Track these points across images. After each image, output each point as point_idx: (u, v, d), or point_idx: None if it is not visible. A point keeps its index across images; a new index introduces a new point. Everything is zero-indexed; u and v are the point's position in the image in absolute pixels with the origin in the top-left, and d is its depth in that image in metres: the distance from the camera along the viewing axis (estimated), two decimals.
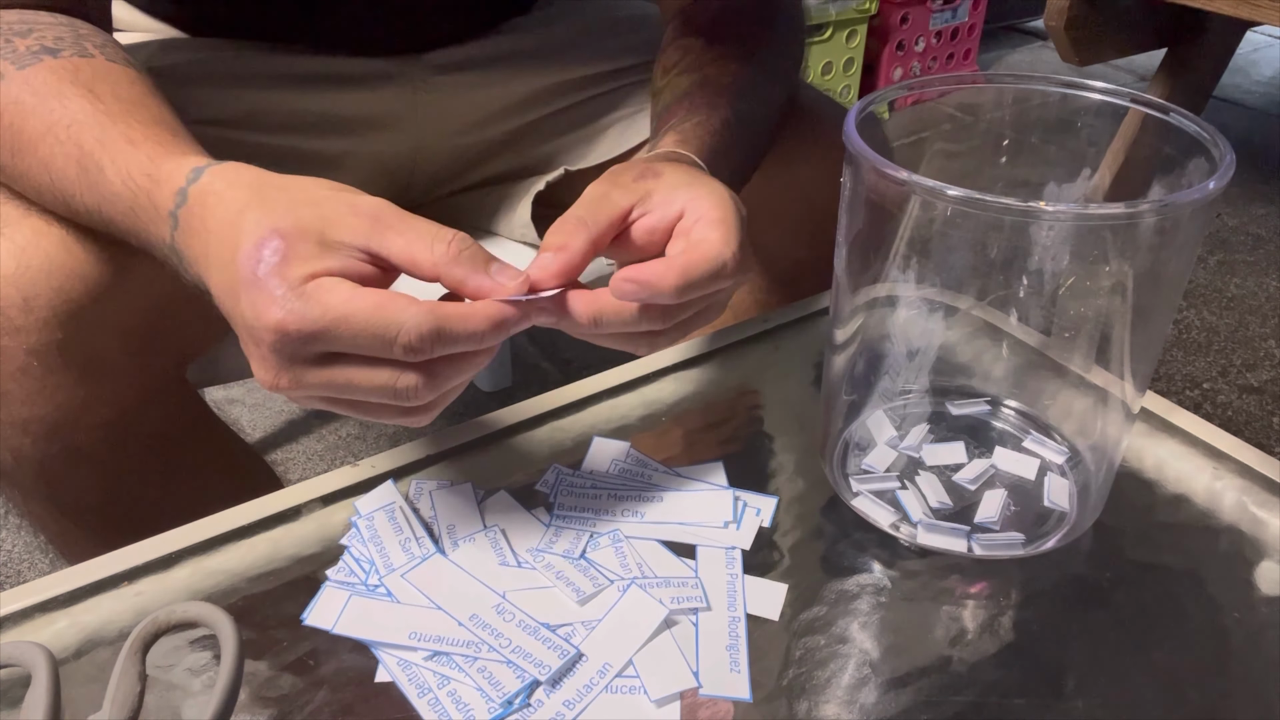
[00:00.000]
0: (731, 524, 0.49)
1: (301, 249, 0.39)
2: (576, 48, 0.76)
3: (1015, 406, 0.56)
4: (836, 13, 1.98)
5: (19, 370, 0.50)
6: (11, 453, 0.53)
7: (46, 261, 0.50)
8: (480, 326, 0.39)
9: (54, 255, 0.50)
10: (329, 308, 0.38)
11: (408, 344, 0.38)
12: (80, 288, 0.51)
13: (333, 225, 0.40)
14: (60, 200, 0.48)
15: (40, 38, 0.49)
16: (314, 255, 0.39)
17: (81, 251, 0.51)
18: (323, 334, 0.38)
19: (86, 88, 0.47)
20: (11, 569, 1.08)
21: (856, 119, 0.44)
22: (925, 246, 0.45)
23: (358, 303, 0.38)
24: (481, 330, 0.39)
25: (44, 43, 0.49)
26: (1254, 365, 1.39)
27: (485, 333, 0.39)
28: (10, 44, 0.49)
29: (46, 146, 0.47)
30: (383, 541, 0.47)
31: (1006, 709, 0.41)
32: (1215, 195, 0.39)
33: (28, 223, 0.51)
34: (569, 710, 0.40)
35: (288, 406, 1.33)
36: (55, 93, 0.47)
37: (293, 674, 0.42)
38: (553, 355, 1.42)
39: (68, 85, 0.47)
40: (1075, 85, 0.49)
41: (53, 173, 0.47)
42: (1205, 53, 1.52)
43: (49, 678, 0.38)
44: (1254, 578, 0.47)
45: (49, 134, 0.46)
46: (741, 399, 0.59)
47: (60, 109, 0.47)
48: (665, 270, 0.42)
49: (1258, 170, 1.94)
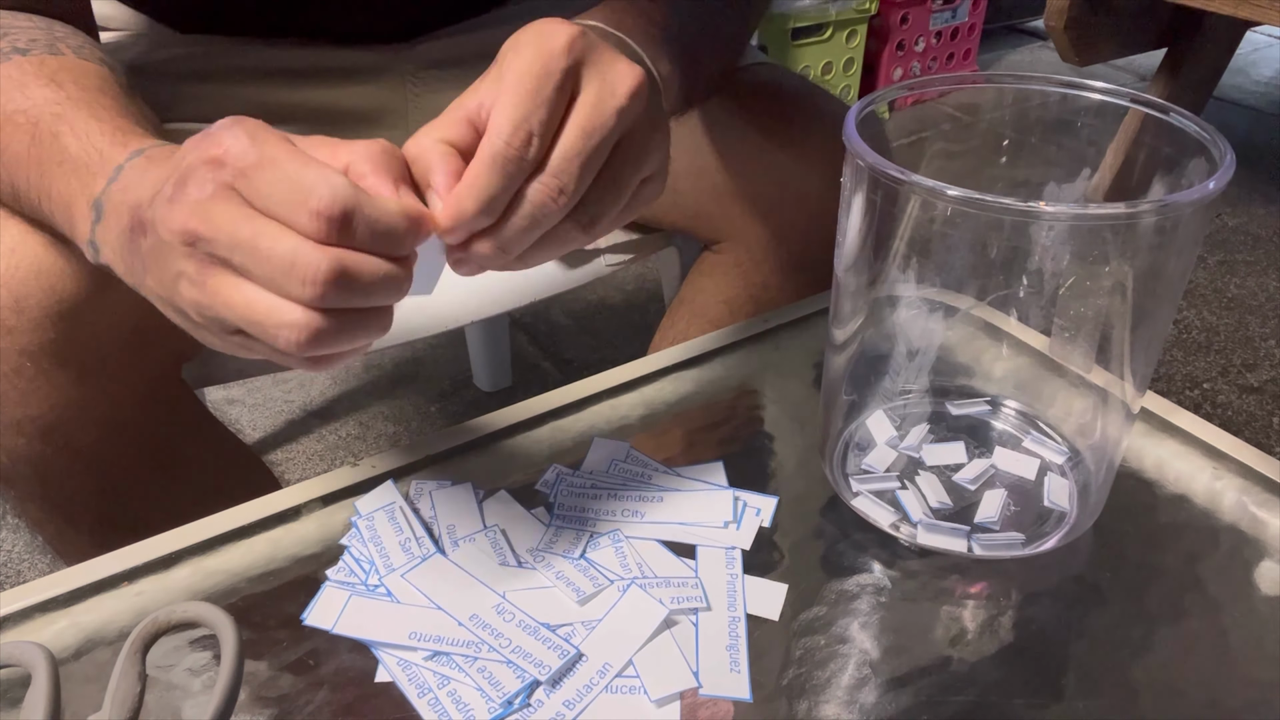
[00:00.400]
0: (731, 524, 0.49)
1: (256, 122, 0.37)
2: None
3: (1015, 406, 0.56)
4: (836, 13, 1.98)
5: (13, 371, 0.50)
6: (7, 453, 0.53)
7: (36, 262, 0.50)
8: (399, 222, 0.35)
9: (43, 256, 0.50)
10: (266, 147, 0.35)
11: (317, 208, 0.34)
12: (72, 287, 0.51)
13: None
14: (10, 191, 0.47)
15: (13, 40, 0.49)
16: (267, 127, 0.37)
17: (72, 251, 0.51)
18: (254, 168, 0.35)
19: (49, 79, 0.46)
20: (11, 569, 1.08)
21: (856, 119, 0.44)
22: (925, 246, 0.45)
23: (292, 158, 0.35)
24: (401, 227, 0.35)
25: (15, 44, 0.49)
26: (1254, 365, 1.39)
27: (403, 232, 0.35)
28: None
29: (5, 134, 0.46)
30: (383, 541, 0.47)
31: (1006, 709, 0.41)
32: (1215, 195, 0.39)
33: (15, 223, 0.50)
34: (569, 710, 0.40)
35: (288, 406, 1.33)
36: (17, 85, 0.46)
37: (293, 674, 0.42)
38: (553, 355, 1.42)
39: (30, 77, 0.46)
40: (1075, 85, 0.49)
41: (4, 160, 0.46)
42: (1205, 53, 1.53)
43: (49, 678, 0.38)
44: (1254, 578, 0.47)
45: (7, 122, 0.46)
46: (741, 399, 0.59)
47: (21, 98, 0.46)
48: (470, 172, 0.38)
49: (1258, 170, 1.94)
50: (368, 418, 1.31)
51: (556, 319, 1.50)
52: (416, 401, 1.33)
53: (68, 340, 0.51)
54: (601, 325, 1.48)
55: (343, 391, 1.36)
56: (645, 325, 1.47)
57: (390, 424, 1.29)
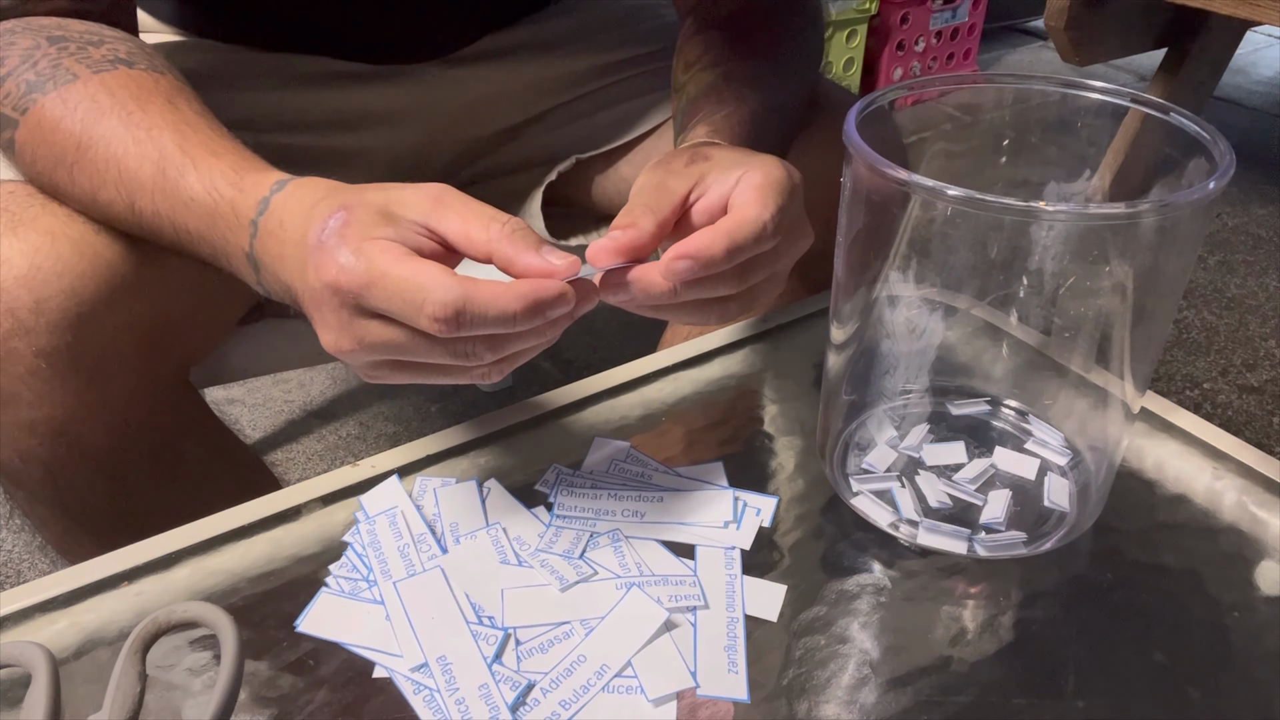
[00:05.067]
0: (731, 524, 0.49)
1: (363, 216, 0.40)
2: (587, 38, 0.77)
3: (1015, 406, 0.56)
4: (836, 13, 1.98)
5: (28, 372, 0.50)
6: (19, 454, 0.53)
7: (59, 263, 0.50)
8: (511, 306, 0.39)
9: (66, 257, 0.50)
10: (374, 264, 0.39)
11: (433, 315, 0.38)
12: (91, 290, 0.51)
13: (396, 201, 0.41)
14: (124, 199, 0.49)
15: (113, 49, 0.51)
16: (375, 223, 0.40)
17: (94, 254, 0.51)
18: (367, 289, 0.39)
19: (166, 98, 0.49)
20: (11, 569, 1.08)
21: (857, 119, 0.44)
22: (925, 246, 0.45)
23: (398, 267, 0.39)
24: (512, 310, 0.39)
25: (117, 54, 0.51)
26: (1254, 365, 1.39)
27: (517, 313, 0.39)
28: (84, 50, 0.50)
29: (121, 145, 0.48)
30: (382, 548, 0.47)
31: (1006, 709, 0.41)
32: (1215, 195, 0.39)
33: (42, 223, 0.51)
34: (565, 710, 0.40)
35: (288, 406, 1.33)
36: (135, 97, 0.49)
37: (293, 674, 0.42)
38: (553, 355, 1.42)
39: (148, 93, 0.49)
40: (1075, 85, 0.49)
41: (122, 170, 0.48)
42: (1205, 53, 1.52)
43: (49, 678, 0.38)
44: (1254, 578, 0.47)
45: (125, 133, 0.48)
46: (741, 399, 0.59)
47: (140, 112, 0.48)
48: (712, 238, 0.42)
49: (1258, 170, 1.94)
50: (368, 418, 1.31)
51: None
52: (416, 401, 1.33)
53: (83, 343, 0.51)
54: (601, 325, 1.48)
55: (343, 391, 1.36)
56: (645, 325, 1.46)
57: (390, 424, 1.29)
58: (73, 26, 0.51)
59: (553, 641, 0.43)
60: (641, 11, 0.80)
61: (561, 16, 0.77)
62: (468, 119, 0.74)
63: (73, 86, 0.49)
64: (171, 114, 0.49)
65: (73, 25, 0.52)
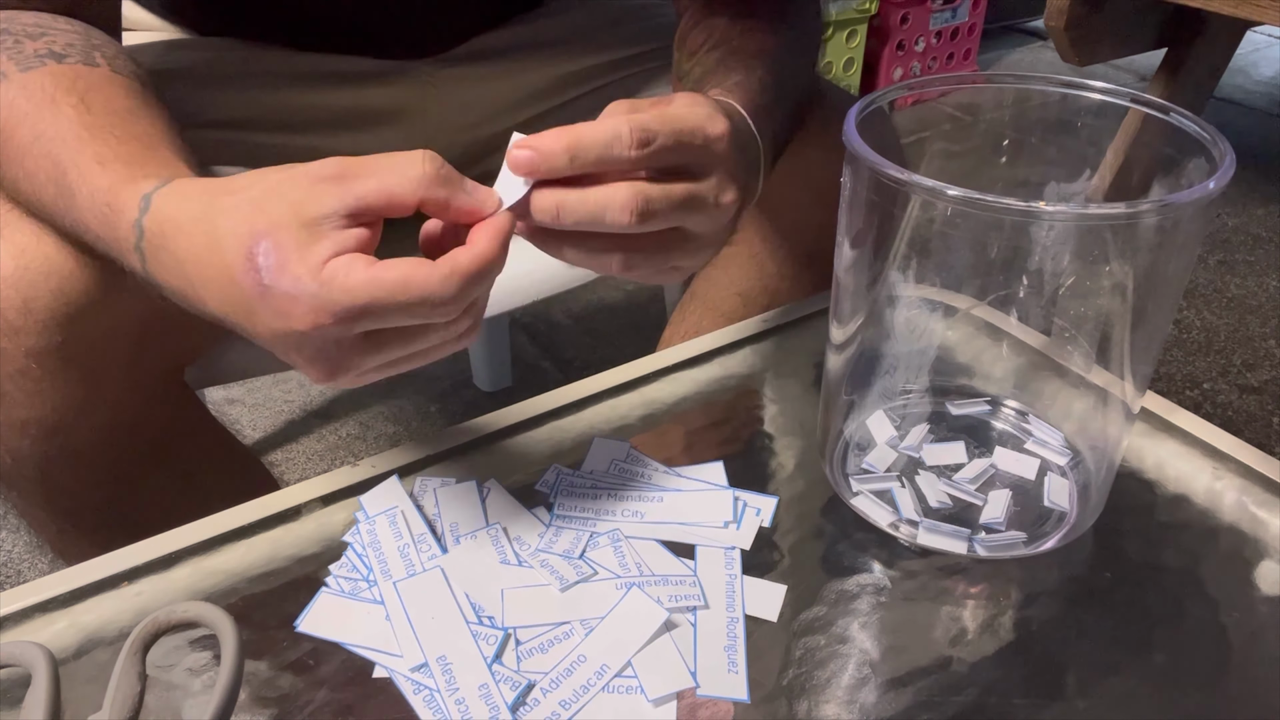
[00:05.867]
0: (731, 524, 0.49)
1: (288, 239, 0.37)
2: (584, 38, 0.76)
3: (1015, 406, 0.56)
4: (836, 13, 1.98)
5: (17, 372, 0.50)
6: (10, 454, 0.53)
7: (46, 263, 0.50)
8: (493, 248, 0.39)
9: (54, 257, 0.50)
10: (353, 291, 0.37)
11: (447, 308, 0.38)
12: (80, 289, 0.51)
13: (303, 204, 0.38)
14: (44, 214, 0.48)
15: (50, 42, 0.49)
16: (305, 241, 0.37)
17: (81, 254, 0.51)
18: (359, 317, 0.37)
19: (79, 97, 0.47)
20: (11, 569, 1.08)
21: (857, 118, 0.44)
22: (925, 246, 0.45)
23: (383, 285, 0.37)
24: (496, 254, 0.39)
25: (52, 47, 0.49)
26: (1254, 365, 1.39)
27: (499, 254, 0.40)
28: (20, 45, 0.49)
29: (32, 159, 0.46)
30: (382, 548, 0.47)
31: (1006, 709, 0.41)
32: (1215, 195, 0.39)
33: (28, 224, 0.50)
34: (565, 710, 0.40)
35: (288, 406, 1.33)
36: (49, 100, 0.46)
37: (293, 674, 0.42)
38: (553, 355, 1.42)
39: (62, 93, 0.47)
40: (1075, 85, 0.49)
41: (36, 185, 0.47)
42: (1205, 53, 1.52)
43: (49, 678, 0.38)
44: (1254, 578, 0.47)
45: (35, 145, 0.46)
46: (741, 399, 0.59)
47: (49, 119, 0.46)
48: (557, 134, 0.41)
49: (1258, 170, 1.94)
50: (368, 418, 1.31)
51: (556, 319, 1.50)
52: (416, 401, 1.33)
53: (73, 342, 0.51)
54: (601, 325, 1.48)
55: (343, 391, 1.36)
56: (645, 325, 1.47)
57: (390, 424, 1.29)
58: (21, 19, 0.50)
59: (553, 641, 0.43)
60: (637, 11, 0.80)
61: (555, 17, 0.77)
62: (467, 120, 0.74)
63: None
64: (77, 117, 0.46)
65: (21, 17, 0.50)
